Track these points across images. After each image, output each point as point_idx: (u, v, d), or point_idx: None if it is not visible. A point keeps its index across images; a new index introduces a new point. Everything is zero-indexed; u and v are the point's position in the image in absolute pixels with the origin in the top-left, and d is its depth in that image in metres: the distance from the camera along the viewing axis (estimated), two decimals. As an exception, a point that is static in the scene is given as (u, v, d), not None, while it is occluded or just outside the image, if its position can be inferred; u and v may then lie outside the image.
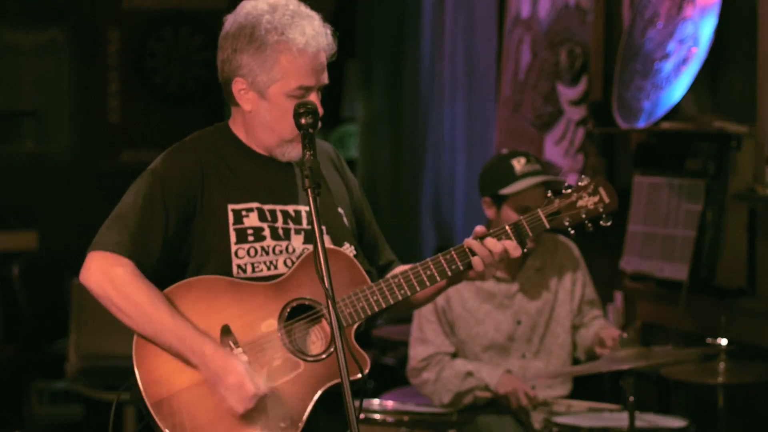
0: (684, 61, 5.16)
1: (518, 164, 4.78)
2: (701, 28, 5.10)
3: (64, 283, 7.81)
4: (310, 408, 3.11)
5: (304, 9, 3.18)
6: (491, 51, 7.01)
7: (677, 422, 4.63)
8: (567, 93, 6.26)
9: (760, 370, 4.56)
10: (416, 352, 4.90)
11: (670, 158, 5.39)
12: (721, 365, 4.46)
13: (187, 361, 3.10)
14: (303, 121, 3.05)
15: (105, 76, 9.27)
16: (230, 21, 3.19)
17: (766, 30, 5.02)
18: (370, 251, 3.39)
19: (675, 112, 5.25)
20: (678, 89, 5.17)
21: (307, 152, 3.01)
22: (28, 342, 8.18)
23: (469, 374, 4.79)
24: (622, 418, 4.53)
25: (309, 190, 2.96)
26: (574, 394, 4.97)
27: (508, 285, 4.87)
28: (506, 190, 4.76)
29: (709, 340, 4.53)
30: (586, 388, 5.10)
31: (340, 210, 3.30)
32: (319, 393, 3.12)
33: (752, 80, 5.07)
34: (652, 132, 5.46)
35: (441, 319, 4.85)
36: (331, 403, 3.12)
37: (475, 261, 3.20)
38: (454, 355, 4.88)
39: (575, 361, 4.97)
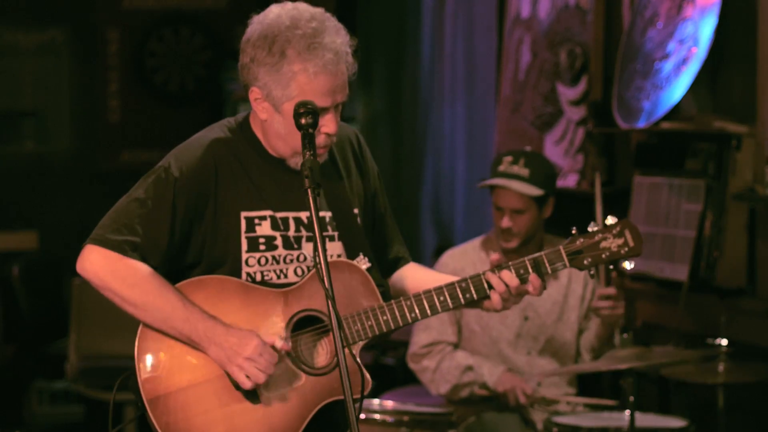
0: (684, 61, 5.16)
1: (503, 163, 4.80)
2: (701, 28, 5.10)
3: (64, 283, 7.80)
4: (307, 421, 3.08)
5: (330, 23, 3.10)
6: (491, 51, 7.01)
7: (677, 422, 4.63)
8: (567, 93, 6.26)
9: (760, 370, 4.56)
10: (419, 338, 4.91)
11: (670, 158, 5.39)
12: (721, 365, 4.46)
13: (193, 354, 3.07)
14: (303, 121, 3.02)
15: (105, 76, 9.27)
16: (254, 25, 3.12)
17: (766, 30, 5.01)
18: (380, 244, 3.34)
19: (675, 112, 5.25)
20: (678, 89, 5.17)
21: (307, 152, 2.99)
22: (28, 342, 8.18)
23: (469, 368, 4.80)
24: (622, 418, 4.53)
25: (309, 191, 2.94)
26: (577, 395, 4.97)
27: None
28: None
29: (709, 340, 4.53)
30: (586, 388, 5.10)
31: (356, 210, 3.26)
32: (317, 408, 3.09)
33: (752, 80, 5.06)
34: (652, 132, 5.46)
35: None
36: (327, 421, 3.10)
37: (493, 295, 3.14)
38: (456, 346, 4.89)
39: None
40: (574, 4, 6.21)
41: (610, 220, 3.17)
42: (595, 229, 3.17)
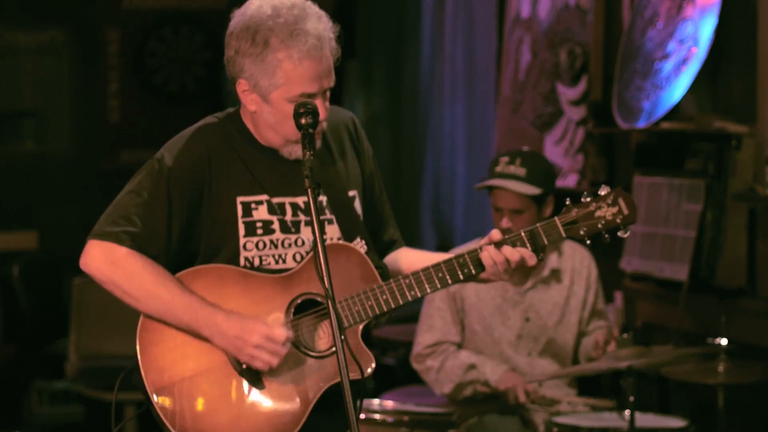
0: (684, 61, 5.17)
1: (500, 163, 4.80)
2: (701, 28, 5.10)
3: (64, 283, 7.80)
4: (312, 404, 3.10)
5: (311, 10, 3.12)
6: (491, 51, 7.01)
7: (677, 422, 4.63)
8: (567, 93, 6.26)
9: (760, 370, 4.56)
10: (423, 339, 4.92)
11: (670, 158, 5.39)
12: (721, 365, 4.46)
13: (195, 342, 3.09)
14: (303, 121, 3.03)
15: (105, 76, 9.27)
16: (236, 18, 3.13)
17: (766, 30, 5.02)
18: (375, 225, 3.35)
19: (675, 112, 5.25)
20: (678, 89, 5.17)
21: (307, 152, 2.99)
22: (28, 342, 8.18)
23: (472, 367, 4.80)
24: (622, 418, 4.53)
25: (309, 191, 2.95)
26: (578, 395, 4.97)
27: (522, 282, 4.87)
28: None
29: (709, 340, 4.53)
30: (586, 388, 5.10)
31: (351, 193, 3.27)
32: (323, 390, 3.10)
33: (752, 80, 5.07)
34: (652, 132, 5.46)
35: (452, 306, 4.86)
36: (331, 403, 3.10)
37: (490, 267, 3.14)
38: (459, 346, 4.89)
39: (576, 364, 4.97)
40: (574, 4, 6.21)
41: (603, 189, 3.18)
42: (589, 199, 3.17)
